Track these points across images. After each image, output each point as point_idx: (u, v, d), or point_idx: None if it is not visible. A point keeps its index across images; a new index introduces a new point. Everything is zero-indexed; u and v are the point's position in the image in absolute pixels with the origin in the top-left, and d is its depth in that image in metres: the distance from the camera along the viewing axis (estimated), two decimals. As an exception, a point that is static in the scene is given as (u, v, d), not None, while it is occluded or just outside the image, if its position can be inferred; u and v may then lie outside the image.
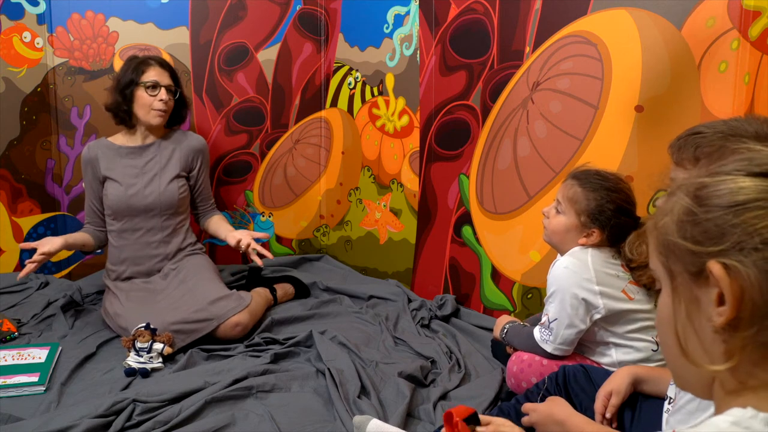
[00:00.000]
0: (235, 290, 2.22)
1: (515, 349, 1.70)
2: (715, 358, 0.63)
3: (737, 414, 0.60)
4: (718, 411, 0.63)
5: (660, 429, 1.11)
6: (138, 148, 2.33)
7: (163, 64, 2.31)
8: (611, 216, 1.52)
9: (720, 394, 0.65)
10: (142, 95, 2.26)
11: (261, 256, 2.14)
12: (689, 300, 0.65)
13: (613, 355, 1.54)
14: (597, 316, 1.52)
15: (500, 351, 1.85)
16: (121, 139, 2.36)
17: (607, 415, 1.26)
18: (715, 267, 0.60)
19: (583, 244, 1.57)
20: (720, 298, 0.61)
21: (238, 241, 2.17)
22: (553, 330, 1.56)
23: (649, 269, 0.73)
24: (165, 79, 2.29)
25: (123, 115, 2.29)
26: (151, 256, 2.32)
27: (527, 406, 1.33)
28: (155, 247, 2.32)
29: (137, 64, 2.28)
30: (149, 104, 2.26)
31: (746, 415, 0.59)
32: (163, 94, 2.26)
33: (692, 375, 0.67)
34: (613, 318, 1.52)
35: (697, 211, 0.63)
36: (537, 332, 1.61)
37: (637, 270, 1.53)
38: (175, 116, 2.38)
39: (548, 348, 1.57)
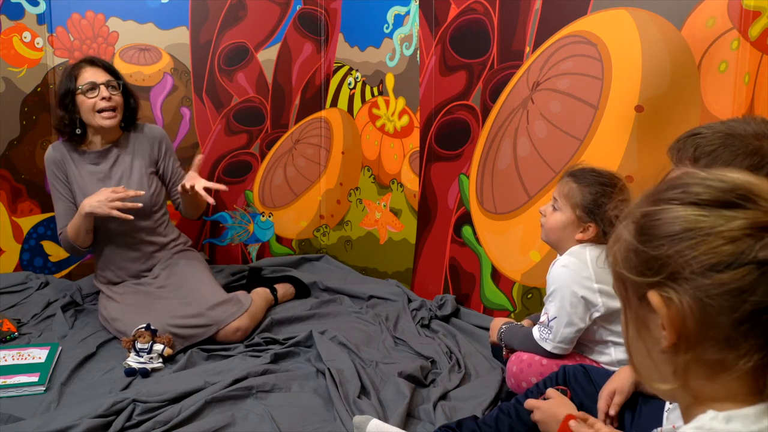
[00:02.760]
0: (234, 293, 2.20)
1: (511, 352, 1.71)
2: (666, 376, 0.67)
3: (700, 419, 0.65)
4: (685, 421, 0.68)
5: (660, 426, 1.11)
6: (100, 152, 2.25)
7: (94, 62, 2.22)
8: (606, 209, 1.53)
9: (681, 405, 0.70)
10: (83, 101, 2.16)
11: (209, 191, 2.12)
12: (640, 322, 0.68)
13: (612, 354, 1.54)
14: (596, 315, 1.53)
15: (500, 351, 1.85)
16: (82, 145, 2.28)
17: (611, 412, 1.27)
18: (653, 297, 0.64)
19: (580, 240, 1.57)
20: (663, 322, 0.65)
21: (191, 187, 2.11)
22: (552, 328, 1.56)
23: None
24: (101, 76, 2.19)
25: (67, 129, 2.20)
26: (133, 259, 2.28)
27: (531, 403, 1.33)
28: (136, 250, 2.28)
29: (69, 71, 2.19)
30: (93, 107, 2.16)
31: (707, 417, 0.64)
32: (103, 92, 2.16)
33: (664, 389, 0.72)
34: (612, 316, 1.53)
35: (639, 241, 0.66)
36: (536, 331, 1.61)
37: None
38: (127, 113, 2.28)
39: (547, 346, 1.57)
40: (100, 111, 2.18)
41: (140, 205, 2.16)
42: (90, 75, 2.18)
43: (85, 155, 2.27)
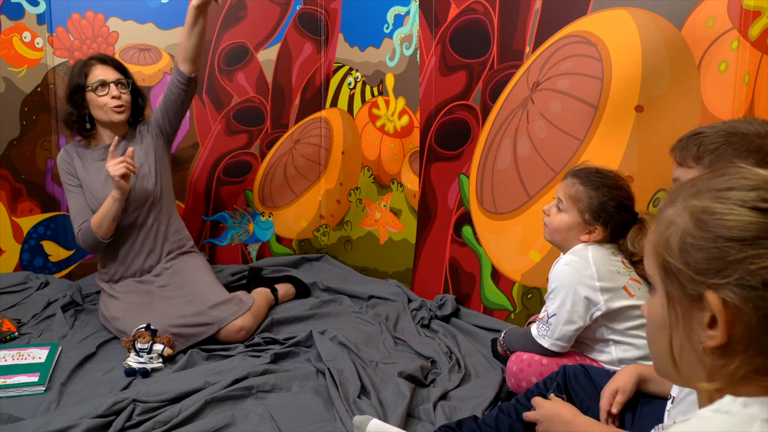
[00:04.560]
0: (236, 293, 2.21)
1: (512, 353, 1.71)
2: (702, 375, 0.67)
3: (718, 403, 0.66)
4: (701, 406, 0.69)
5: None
6: (107, 147, 2.24)
7: (105, 60, 2.24)
8: (613, 213, 1.54)
9: (704, 397, 0.69)
10: (93, 98, 2.19)
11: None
12: (685, 317, 0.68)
13: (613, 353, 1.54)
14: (597, 314, 1.52)
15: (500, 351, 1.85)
16: (91, 142, 2.31)
17: (614, 411, 1.27)
18: (713, 299, 0.63)
19: (585, 241, 1.58)
20: (711, 321, 0.64)
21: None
22: (551, 325, 1.56)
23: None
24: (111, 74, 2.21)
25: (76, 125, 2.23)
26: (137, 252, 2.28)
27: (537, 401, 1.34)
28: (142, 243, 2.28)
29: (80, 68, 2.21)
30: (104, 104, 2.19)
31: (725, 401, 0.65)
32: (113, 90, 2.19)
33: (675, 374, 0.71)
34: (614, 314, 1.53)
35: (700, 237, 0.65)
36: (534, 328, 1.62)
37: (639, 263, 1.54)
38: (134, 110, 2.30)
39: (545, 343, 1.57)
40: (110, 108, 2.20)
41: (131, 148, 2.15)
42: (100, 73, 2.20)
43: (93, 151, 2.28)
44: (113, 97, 2.19)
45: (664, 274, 0.69)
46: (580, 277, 1.53)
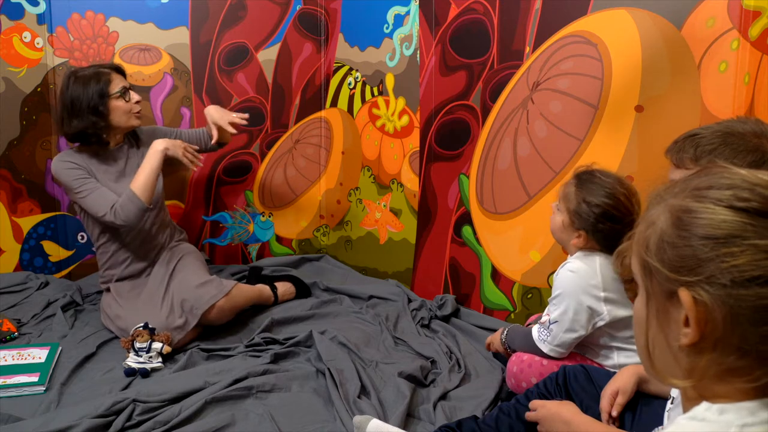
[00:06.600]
0: (215, 276, 2.23)
1: (514, 352, 1.71)
2: (677, 372, 0.68)
3: (694, 410, 0.67)
4: (684, 411, 0.70)
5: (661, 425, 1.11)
6: (112, 151, 2.29)
7: (117, 69, 2.29)
8: (595, 221, 1.48)
9: (683, 398, 0.70)
10: (119, 105, 2.21)
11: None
12: (661, 314, 0.68)
13: (615, 359, 1.54)
14: (600, 323, 1.51)
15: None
16: (92, 149, 2.28)
17: (614, 413, 1.27)
18: (685, 296, 0.64)
19: (575, 245, 1.56)
20: (686, 319, 0.65)
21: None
22: (552, 331, 1.56)
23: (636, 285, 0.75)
24: (126, 82, 2.27)
25: (100, 132, 2.21)
26: (147, 249, 2.31)
27: (536, 402, 1.34)
28: (150, 240, 2.31)
29: (96, 77, 2.20)
30: (128, 110, 2.24)
31: (701, 408, 0.66)
32: (135, 95, 2.25)
33: (651, 370, 0.73)
34: (618, 324, 1.52)
35: (676, 235, 0.66)
36: (535, 331, 1.61)
37: (626, 282, 1.46)
38: None
39: (544, 348, 1.57)
40: (133, 113, 2.27)
41: (201, 161, 2.37)
42: (119, 81, 2.25)
43: (100, 157, 2.29)
44: (137, 102, 2.26)
45: (643, 273, 0.70)
46: (585, 287, 1.51)
